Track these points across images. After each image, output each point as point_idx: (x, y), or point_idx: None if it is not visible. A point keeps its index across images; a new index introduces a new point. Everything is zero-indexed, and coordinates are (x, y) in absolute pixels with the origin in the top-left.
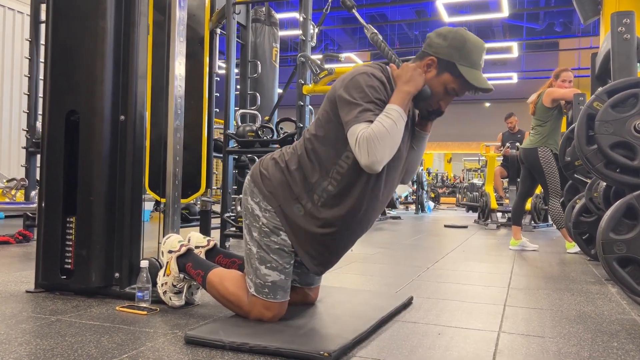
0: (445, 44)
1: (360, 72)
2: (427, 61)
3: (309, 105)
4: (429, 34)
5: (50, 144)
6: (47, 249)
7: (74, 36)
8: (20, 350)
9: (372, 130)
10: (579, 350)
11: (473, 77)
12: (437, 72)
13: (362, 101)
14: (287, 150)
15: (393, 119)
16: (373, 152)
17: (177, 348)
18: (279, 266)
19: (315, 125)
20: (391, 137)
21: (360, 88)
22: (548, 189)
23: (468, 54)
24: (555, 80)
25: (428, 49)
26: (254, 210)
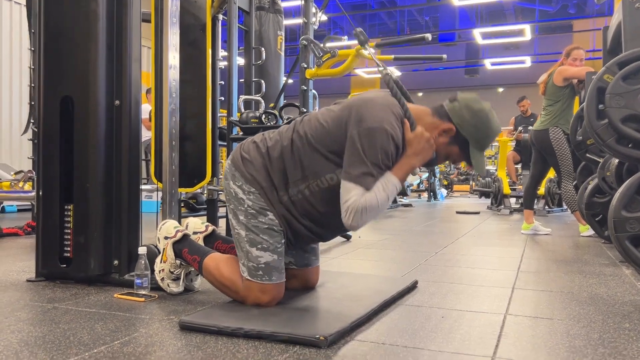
0: (471, 121)
1: (382, 128)
2: (445, 126)
3: (313, 90)
4: (460, 97)
5: (45, 131)
6: (46, 237)
7: (66, 20)
8: (11, 337)
9: (366, 200)
10: (588, 331)
11: (478, 162)
12: (449, 142)
13: (370, 162)
14: (270, 136)
15: (388, 194)
16: (358, 220)
17: (171, 334)
18: (270, 246)
19: (314, 131)
20: (379, 209)
21: (375, 148)
22: (560, 171)
23: (484, 139)
24: (566, 58)
25: (452, 114)
26: (237, 194)
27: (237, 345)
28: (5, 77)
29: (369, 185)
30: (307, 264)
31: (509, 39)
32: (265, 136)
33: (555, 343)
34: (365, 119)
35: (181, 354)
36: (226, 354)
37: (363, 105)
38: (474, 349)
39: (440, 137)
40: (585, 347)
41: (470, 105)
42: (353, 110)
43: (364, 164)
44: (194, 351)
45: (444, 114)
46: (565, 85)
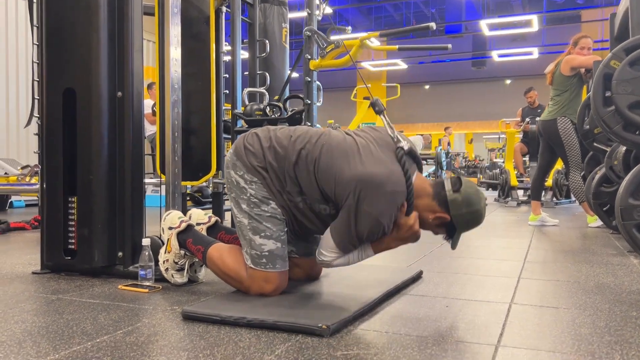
0: (467, 217)
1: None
2: (442, 215)
3: (317, 81)
4: (464, 192)
5: (48, 124)
6: (50, 230)
7: (67, 12)
8: (15, 328)
9: (338, 262)
10: (594, 320)
11: (456, 241)
12: (439, 225)
13: (357, 236)
14: (278, 136)
15: (360, 259)
16: (325, 268)
17: (174, 324)
18: (273, 234)
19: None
20: (348, 265)
21: (365, 229)
22: (568, 161)
23: (471, 226)
24: (574, 47)
25: (452, 206)
26: (239, 182)
27: (239, 334)
28: (11, 73)
29: (348, 251)
30: (309, 253)
31: (516, 30)
32: (271, 134)
33: (561, 331)
34: (368, 204)
35: (183, 343)
36: (228, 343)
37: (372, 187)
38: (478, 337)
39: (434, 220)
40: (591, 335)
41: (470, 203)
42: (359, 186)
43: (350, 235)
44: (196, 340)
45: (444, 201)
46: (572, 74)
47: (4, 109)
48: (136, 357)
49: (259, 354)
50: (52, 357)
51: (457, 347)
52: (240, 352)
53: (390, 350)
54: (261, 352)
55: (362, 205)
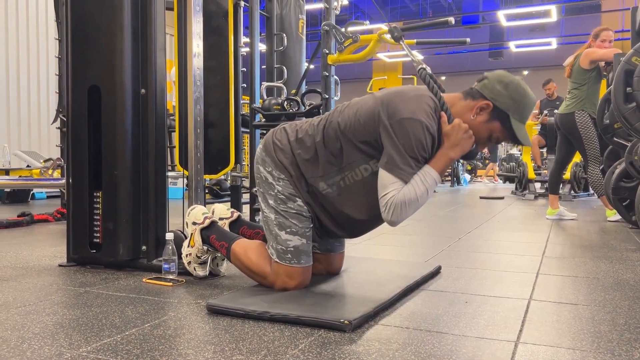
0: (505, 93)
1: (416, 119)
2: (481, 104)
3: (334, 76)
4: (489, 75)
5: (74, 120)
6: (76, 223)
7: (93, 10)
8: (47, 320)
9: (404, 195)
10: (614, 317)
11: (521, 133)
12: (488, 119)
13: (408, 154)
14: (303, 127)
15: (427, 187)
16: (398, 215)
17: (199, 317)
18: (299, 230)
19: (347, 122)
20: (419, 203)
21: (410, 140)
22: (587, 155)
23: (523, 109)
24: (595, 40)
25: (485, 91)
26: (267, 178)
27: (263, 328)
28: (32, 66)
29: (407, 178)
30: (330, 250)
31: (534, 20)
32: (298, 127)
33: (580, 328)
34: (399, 111)
35: (209, 337)
36: (253, 337)
37: (395, 97)
38: (498, 333)
39: (478, 116)
40: (611, 333)
41: (501, 79)
42: (385, 102)
43: (400, 154)
44: (221, 334)
45: (476, 93)
46: (591, 68)
47: (25, 102)
48: (165, 350)
49: (283, 348)
50: (85, 349)
51: (477, 344)
52: (265, 347)
53: (410, 346)
54: (285, 346)
55: (395, 116)
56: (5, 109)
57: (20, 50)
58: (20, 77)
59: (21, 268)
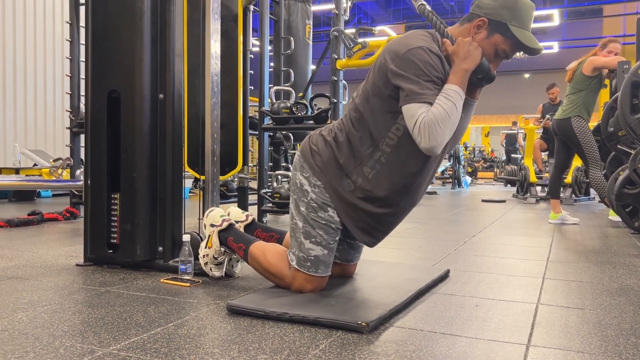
0: (496, 4)
1: (415, 47)
2: (477, 22)
3: (343, 80)
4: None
5: (93, 124)
6: (94, 224)
7: (113, 16)
8: (73, 318)
9: (433, 114)
10: (620, 322)
11: (525, 38)
12: (488, 34)
13: (422, 79)
14: (335, 125)
15: (453, 101)
16: (434, 137)
17: (220, 317)
18: (323, 241)
19: (363, 97)
20: (451, 120)
21: (417, 66)
22: (587, 159)
23: (519, 14)
24: (601, 50)
25: (477, 10)
26: (302, 185)
27: (283, 329)
28: (39, 66)
29: (430, 99)
30: (350, 260)
31: (536, 24)
32: (330, 127)
33: (588, 332)
34: (398, 50)
35: (232, 337)
36: (274, 337)
37: (393, 43)
38: (509, 336)
39: (477, 35)
40: (617, 337)
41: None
42: (386, 51)
43: (415, 82)
44: (244, 334)
45: (470, 15)
46: (593, 75)
47: (32, 102)
48: (191, 349)
49: (304, 348)
50: (114, 347)
51: (489, 346)
52: (287, 347)
53: (426, 348)
54: (306, 347)
55: (397, 56)
56: (13, 108)
57: (30, 50)
58: (28, 77)
59: (39, 267)
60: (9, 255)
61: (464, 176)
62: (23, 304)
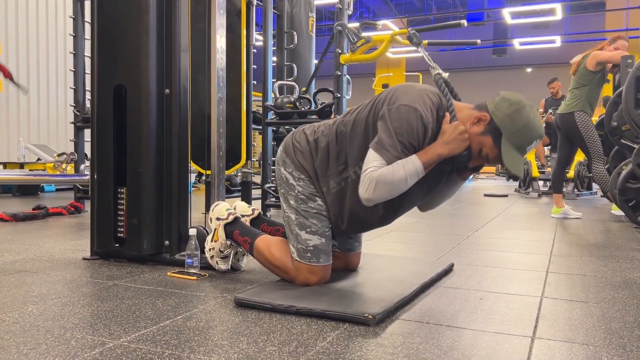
0: (506, 111)
1: (412, 107)
2: (480, 115)
3: (346, 75)
4: (503, 92)
5: (99, 119)
6: (100, 218)
7: (119, 12)
8: (83, 311)
9: (382, 173)
10: (623, 315)
11: (509, 157)
12: (483, 131)
13: (397, 138)
14: (320, 128)
15: (407, 174)
16: (371, 191)
17: (228, 310)
18: (318, 230)
19: (353, 120)
20: (393, 188)
21: (401, 124)
22: (590, 153)
23: (520, 134)
24: (609, 45)
25: (490, 105)
26: (288, 179)
27: (290, 321)
28: (42, 61)
29: (390, 159)
30: (350, 249)
31: (538, 18)
32: (315, 128)
33: (592, 325)
34: (399, 99)
35: (240, 329)
36: (282, 329)
37: (400, 87)
38: (514, 329)
39: (475, 125)
40: (622, 330)
41: (510, 97)
42: (390, 92)
43: (389, 136)
44: (252, 326)
45: (484, 106)
46: (597, 70)
47: (35, 97)
48: (200, 341)
49: (312, 340)
50: (125, 339)
51: (495, 338)
52: (295, 339)
53: (433, 340)
54: (314, 339)
55: (395, 103)
56: (16, 103)
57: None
58: (31, 72)
59: (47, 261)
60: (16, 249)
61: None
62: (33, 296)
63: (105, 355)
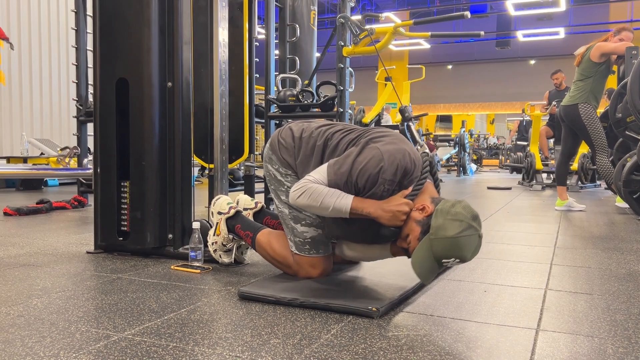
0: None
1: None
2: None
3: (349, 68)
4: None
5: (102, 112)
6: (104, 212)
7: (120, 5)
8: (87, 304)
9: (315, 189)
10: (628, 307)
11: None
12: (418, 220)
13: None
14: (310, 127)
15: (333, 205)
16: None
17: (232, 303)
18: (313, 222)
19: (343, 140)
20: (316, 206)
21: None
22: (594, 145)
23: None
24: (614, 36)
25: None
26: (275, 175)
27: (294, 314)
28: (45, 56)
29: (331, 184)
30: None
31: (542, 9)
32: (304, 127)
33: (597, 317)
34: (381, 142)
35: (244, 322)
36: (286, 322)
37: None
38: (519, 321)
39: (417, 211)
40: (626, 321)
41: (461, 208)
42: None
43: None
44: (255, 319)
45: (438, 201)
46: (601, 61)
47: (37, 91)
48: (205, 333)
49: (316, 332)
50: (129, 332)
51: (499, 330)
52: (299, 331)
53: (437, 332)
54: (318, 331)
55: (376, 142)
56: (19, 97)
57: (35, 39)
58: (34, 66)
59: (51, 255)
60: (20, 243)
61: (469, 164)
62: (37, 290)
63: (110, 348)
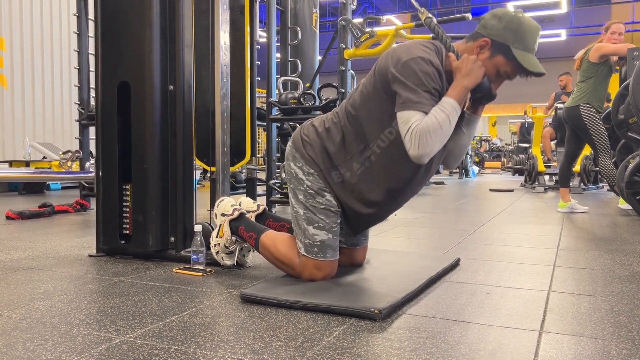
0: (500, 25)
1: (416, 56)
2: (480, 42)
3: (351, 70)
4: (485, 14)
5: (104, 116)
6: (106, 215)
7: (122, 8)
8: (89, 307)
9: (426, 123)
10: (632, 308)
11: (527, 61)
12: (490, 55)
13: (420, 88)
14: (328, 117)
15: (447, 114)
16: (424, 146)
17: (234, 306)
18: (326, 225)
19: (361, 96)
20: (443, 132)
21: (417, 75)
22: (596, 147)
23: (523, 36)
24: (606, 33)
25: (482, 30)
26: (297, 174)
27: (296, 317)
28: (47, 59)
29: (426, 108)
30: (356, 244)
31: (544, 11)
32: (324, 118)
33: (600, 319)
34: (401, 56)
35: (247, 324)
36: (288, 324)
37: (395, 49)
38: (522, 323)
39: (480, 54)
40: (630, 323)
41: (495, 13)
42: (388, 55)
43: (413, 91)
44: (257, 322)
45: (476, 34)
46: (600, 62)
47: (39, 95)
48: (206, 336)
49: (318, 335)
50: (131, 335)
51: (502, 333)
52: (301, 334)
53: (439, 335)
54: (320, 334)
55: (399, 62)
56: (21, 101)
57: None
58: (36, 70)
59: (53, 258)
60: (23, 246)
61: (472, 166)
62: (39, 293)
63: (112, 351)
